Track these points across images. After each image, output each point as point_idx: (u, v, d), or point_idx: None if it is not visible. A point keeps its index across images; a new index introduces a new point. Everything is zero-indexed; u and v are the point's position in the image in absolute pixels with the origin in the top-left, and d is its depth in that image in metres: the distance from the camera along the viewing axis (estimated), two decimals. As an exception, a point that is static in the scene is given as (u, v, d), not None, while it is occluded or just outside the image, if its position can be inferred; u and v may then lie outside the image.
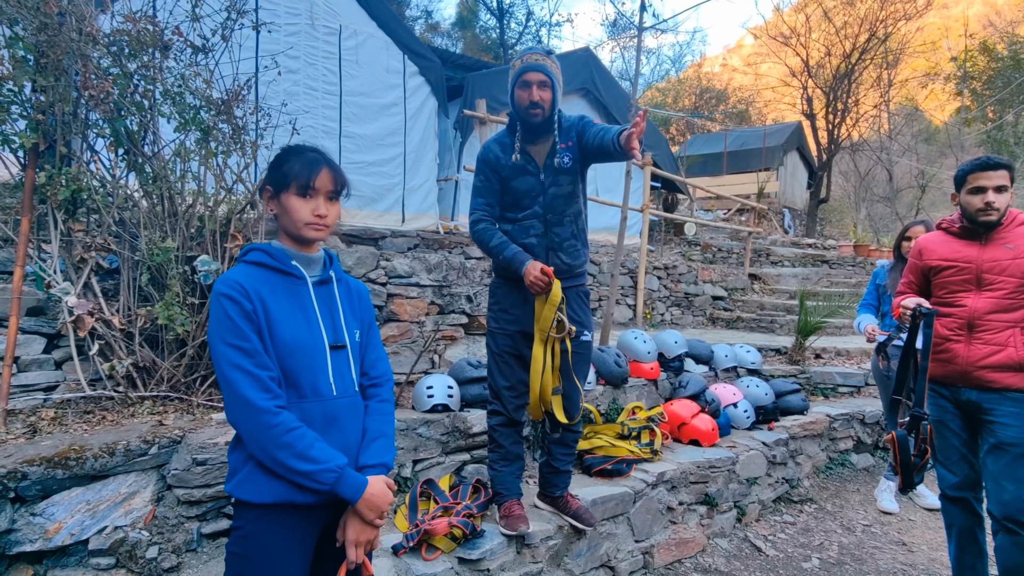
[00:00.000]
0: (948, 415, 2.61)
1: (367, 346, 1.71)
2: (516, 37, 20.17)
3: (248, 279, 1.48)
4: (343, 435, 1.57)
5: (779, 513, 4.02)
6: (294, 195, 1.51)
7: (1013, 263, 2.40)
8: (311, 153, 1.54)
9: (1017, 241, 2.42)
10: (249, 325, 1.43)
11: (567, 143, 2.58)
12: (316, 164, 1.52)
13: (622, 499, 3.05)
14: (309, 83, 6.26)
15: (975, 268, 2.49)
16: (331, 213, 1.54)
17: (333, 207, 1.55)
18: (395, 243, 5.44)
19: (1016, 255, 2.40)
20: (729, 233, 12.53)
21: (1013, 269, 2.40)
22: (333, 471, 1.43)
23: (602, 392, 3.92)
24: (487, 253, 2.60)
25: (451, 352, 3.99)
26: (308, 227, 1.52)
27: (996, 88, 12.42)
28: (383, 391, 1.72)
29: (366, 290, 1.76)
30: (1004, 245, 2.44)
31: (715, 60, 39.36)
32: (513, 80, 2.50)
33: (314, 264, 1.62)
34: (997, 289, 2.43)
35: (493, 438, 2.68)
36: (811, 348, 5.80)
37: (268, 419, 1.39)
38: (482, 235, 2.57)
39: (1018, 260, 2.40)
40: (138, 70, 2.78)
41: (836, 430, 4.68)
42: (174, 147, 2.83)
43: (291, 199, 1.51)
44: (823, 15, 17.35)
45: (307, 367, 1.51)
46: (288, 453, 1.40)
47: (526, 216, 2.56)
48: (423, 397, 3.08)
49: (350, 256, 3.48)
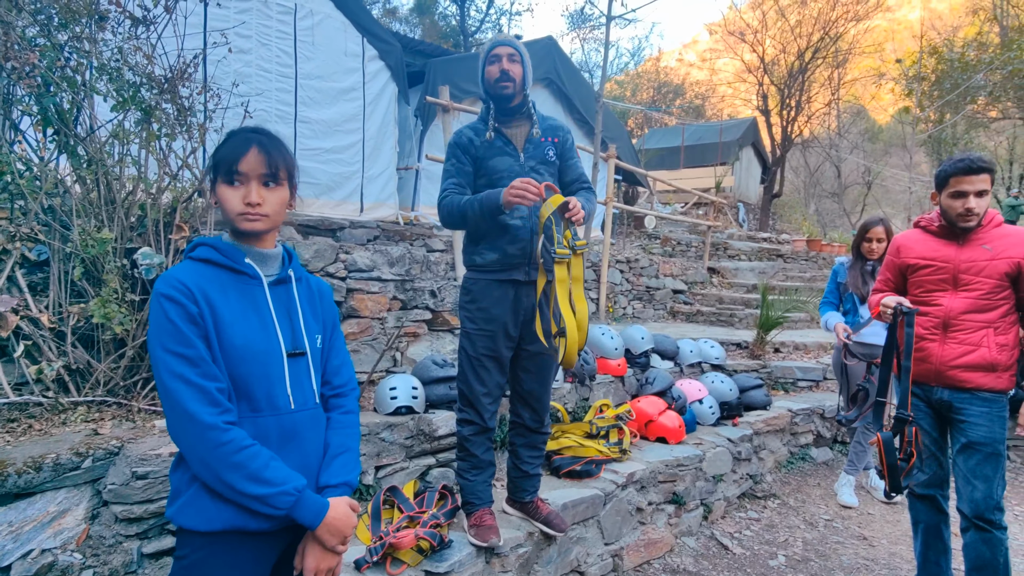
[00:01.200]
0: (920, 413, 2.62)
1: (330, 351, 1.55)
2: (477, 25, 19.86)
3: (194, 278, 1.30)
4: (303, 452, 1.41)
5: (744, 509, 4.03)
6: (222, 183, 1.34)
7: (989, 264, 2.40)
8: (244, 134, 1.36)
9: (994, 242, 2.42)
10: (194, 330, 1.26)
11: (552, 139, 2.51)
12: (243, 145, 1.33)
13: (592, 502, 2.97)
14: (262, 64, 5.94)
15: (952, 268, 2.49)
16: (270, 200, 1.35)
17: (273, 193, 1.36)
18: (354, 234, 5.21)
19: (993, 256, 2.40)
20: (688, 227, 12.66)
21: (990, 270, 2.40)
22: (290, 494, 1.28)
23: (569, 390, 3.83)
24: (459, 219, 2.35)
25: (414, 349, 3.83)
26: (240, 218, 1.34)
27: (943, 90, 12.89)
28: (347, 401, 1.56)
29: (329, 289, 1.60)
30: (981, 246, 2.43)
31: (672, 55, 39.85)
32: (483, 60, 2.44)
33: (270, 261, 1.45)
34: (973, 289, 2.44)
35: (464, 447, 2.51)
36: (771, 342, 5.86)
37: (216, 436, 1.23)
38: (450, 205, 2.35)
39: (995, 261, 2.40)
40: (69, 42, 2.51)
41: (797, 425, 4.74)
42: (111, 128, 2.57)
43: (220, 188, 1.34)
44: (779, 12, 17.71)
45: (262, 376, 1.34)
46: (239, 475, 1.24)
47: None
48: (386, 399, 2.92)
49: (307, 249, 3.28)
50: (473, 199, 2.29)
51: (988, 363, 2.39)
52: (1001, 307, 2.41)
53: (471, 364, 2.45)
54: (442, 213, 2.41)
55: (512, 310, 2.41)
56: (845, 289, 4.00)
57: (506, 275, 2.39)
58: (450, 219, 2.40)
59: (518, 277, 2.40)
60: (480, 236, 2.41)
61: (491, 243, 2.39)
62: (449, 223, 2.44)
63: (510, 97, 2.41)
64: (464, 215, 2.32)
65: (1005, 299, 2.41)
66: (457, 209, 2.34)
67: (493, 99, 2.43)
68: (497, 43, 2.43)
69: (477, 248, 2.43)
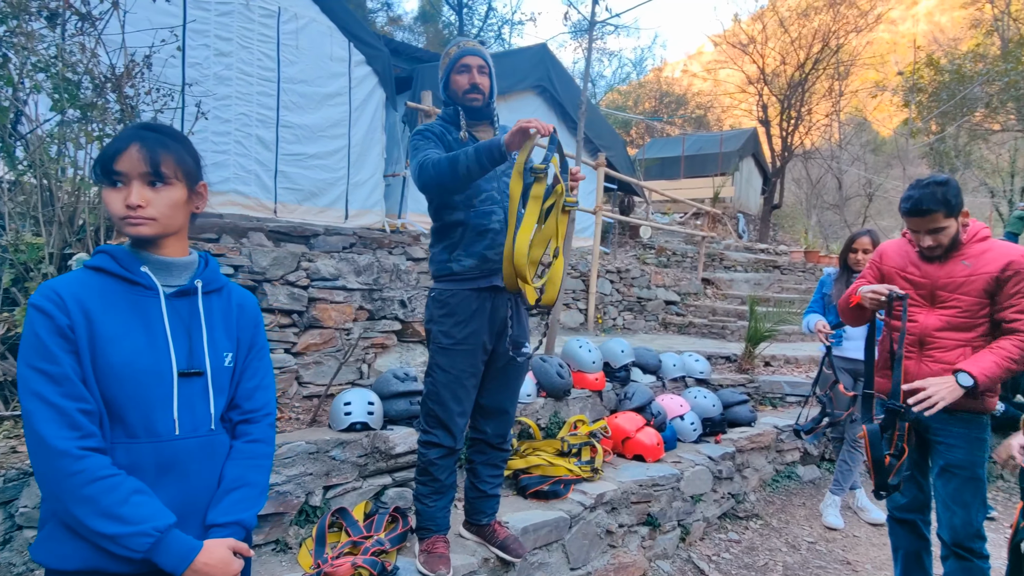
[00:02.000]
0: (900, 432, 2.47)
1: (244, 372, 1.41)
2: (476, 33, 19.85)
3: (74, 288, 1.18)
4: (186, 485, 1.26)
5: (724, 531, 3.86)
6: (106, 186, 1.22)
7: (967, 281, 2.26)
8: (128, 131, 1.24)
9: (975, 258, 2.27)
10: (61, 344, 1.13)
11: None
12: (122, 142, 1.21)
13: (556, 525, 2.82)
14: (243, 67, 5.83)
15: (930, 284, 2.35)
16: (156, 202, 1.22)
17: (160, 194, 1.23)
18: (329, 241, 5.08)
19: (971, 272, 2.25)
20: (684, 237, 12.52)
21: (967, 288, 2.26)
22: (148, 535, 1.13)
23: (543, 405, 3.69)
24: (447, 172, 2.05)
25: (382, 361, 3.69)
26: (123, 222, 1.22)
27: (941, 101, 12.76)
28: (257, 428, 1.41)
29: (253, 302, 1.46)
30: (961, 262, 2.29)
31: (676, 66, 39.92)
32: (448, 67, 2.31)
33: (176, 271, 1.31)
34: (950, 307, 2.30)
35: (428, 472, 2.32)
36: (760, 356, 5.71)
37: (66, 464, 1.09)
38: (436, 160, 2.08)
39: (973, 277, 2.25)
40: (6, 36, 2.40)
41: (783, 442, 4.58)
42: (49, 128, 2.46)
43: (105, 192, 1.22)
44: (779, 24, 17.64)
45: (139, 399, 1.21)
46: (89, 509, 1.10)
47: (483, 201, 2.24)
48: (340, 415, 2.78)
49: (265, 256, 3.15)
50: (463, 149, 2.04)
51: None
52: (981, 325, 2.26)
53: (450, 383, 2.26)
54: (425, 172, 2.10)
55: (489, 321, 2.28)
56: (830, 300, 3.87)
57: (486, 282, 2.26)
58: (435, 173, 2.08)
59: (497, 283, 2.26)
60: (456, 243, 2.27)
61: (468, 249, 2.25)
62: (432, 176, 2.10)
63: (478, 109, 2.31)
64: (455, 162, 2.03)
65: (986, 317, 2.26)
66: (446, 161, 2.05)
67: (460, 106, 2.32)
68: (467, 51, 2.29)
69: (453, 255, 2.27)
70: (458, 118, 2.32)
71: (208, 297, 1.35)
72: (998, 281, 2.20)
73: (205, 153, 5.61)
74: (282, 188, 6.16)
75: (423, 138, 2.27)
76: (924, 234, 2.28)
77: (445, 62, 2.33)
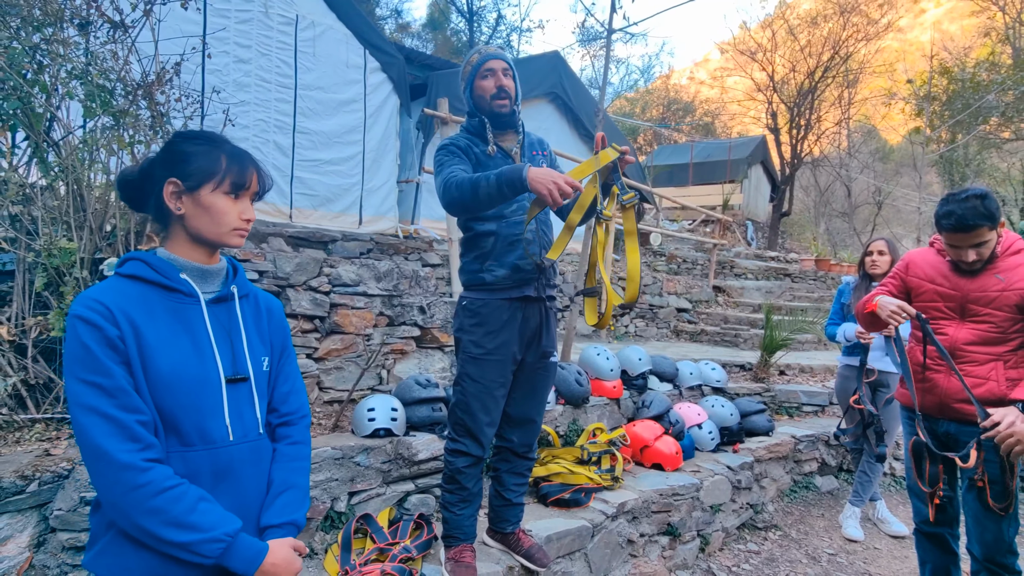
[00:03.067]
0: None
1: (278, 376, 1.43)
2: (486, 40, 19.92)
3: (116, 297, 1.18)
4: (240, 490, 1.28)
5: (743, 541, 3.84)
6: (223, 193, 1.26)
7: (1001, 295, 2.23)
8: (230, 145, 1.30)
9: (1009, 272, 2.24)
10: (112, 356, 1.13)
11: (542, 152, 2.39)
12: (247, 159, 1.29)
13: (579, 534, 2.81)
14: (261, 74, 5.89)
15: (960, 297, 2.32)
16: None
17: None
18: (347, 247, 5.10)
19: (1005, 287, 2.22)
20: (694, 244, 12.50)
21: (1000, 302, 2.23)
22: (220, 540, 1.15)
23: (561, 412, 3.68)
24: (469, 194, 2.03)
25: (401, 367, 3.70)
26: (235, 233, 1.28)
27: (955, 110, 12.72)
28: (296, 431, 1.43)
29: (279, 306, 1.47)
30: (994, 275, 2.26)
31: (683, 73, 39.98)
32: (472, 74, 2.26)
33: (212, 277, 1.33)
34: (982, 321, 2.27)
35: (456, 480, 2.31)
36: (776, 364, 5.69)
37: (132, 477, 1.10)
38: (459, 180, 2.06)
39: (1007, 292, 2.22)
40: (42, 45, 2.43)
41: (801, 452, 4.55)
42: (82, 134, 2.48)
43: (219, 198, 1.26)
44: (788, 32, 17.65)
45: (192, 406, 1.22)
46: (159, 520, 1.11)
47: (514, 211, 2.24)
48: (363, 420, 2.78)
49: (289, 262, 3.17)
50: (486, 173, 2.04)
51: (997, 397, 2.21)
52: (1014, 340, 2.24)
53: (480, 392, 2.25)
54: (447, 191, 2.09)
55: (520, 331, 2.27)
56: (849, 310, 3.85)
57: (518, 292, 2.24)
58: (457, 192, 2.06)
59: (529, 293, 2.26)
60: (487, 253, 2.25)
61: (499, 259, 2.23)
62: (454, 197, 2.09)
63: (507, 114, 2.26)
64: (476, 188, 2.02)
65: (1019, 331, 2.23)
66: (468, 182, 2.04)
67: (486, 115, 2.26)
68: (490, 56, 2.24)
69: (485, 265, 2.25)
70: (484, 129, 2.27)
71: (241, 302, 1.37)
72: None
73: (225, 159, 5.66)
74: (297, 193, 6.20)
75: (448, 153, 2.23)
76: (968, 249, 2.23)
77: (467, 70, 2.28)
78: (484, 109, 2.26)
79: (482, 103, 2.26)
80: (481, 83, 2.24)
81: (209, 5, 5.37)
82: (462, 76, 2.30)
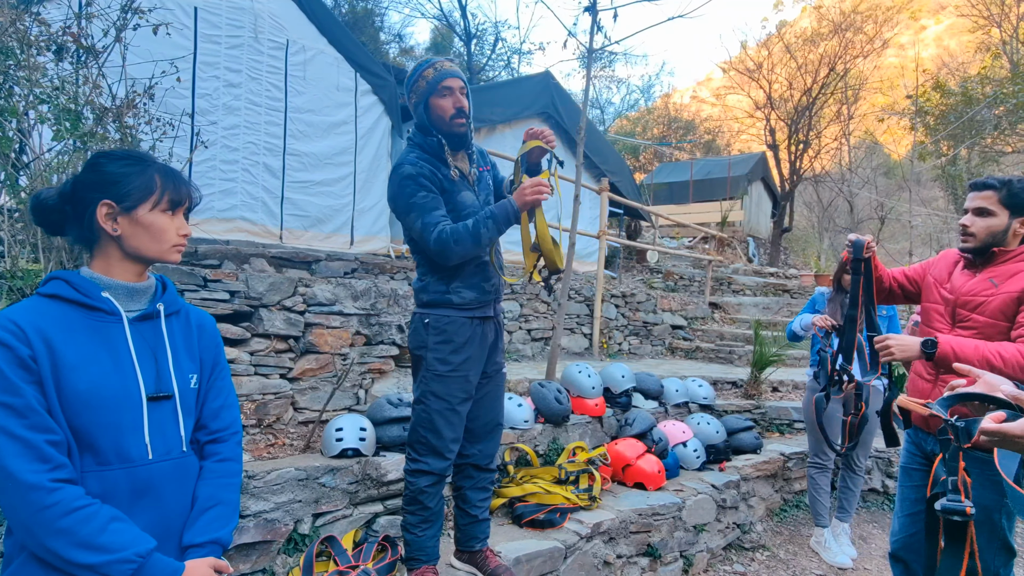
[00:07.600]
0: (914, 462, 2.40)
1: (209, 392, 1.42)
2: (485, 63, 20.19)
3: (32, 316, 1.18)
4: (161, 509, 1.27)
5: (729, 562, 3.76)
6: (161, 211, 1.29)
7: (989, 300, 2.11)
8: (158, 163, 1.34)
9: (1004, 277, 2.11)
10: (23, 376, 1.13)
11: (487, 167, 2.46)
12: (179, 176, 1.33)
13: (551, 555, 2.76)
14: (251, 98, 5.96)
15: (952, 301, 2.24)
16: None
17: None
18: (331, 267, 5.12)
19: (996, 292, 2.11)
20: (692, 261, 12.48)
21: (986, 307, 2.12)
22: (130, 561, 1.13)
23: (541, 431, 3.64)
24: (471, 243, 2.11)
25: (380, 386, 3.68)
26: (174, 249, 1.32)
27: (949, 123, 12.72)
28: (226, 448, 1.42)
29: (211, 322, 1.47)
30: (988, 279, 2.15)
31: (685, 92, 40.28)
32: (427, 91, 2.20)
33: (138, 296, 1.33)
34: (968, 327, 2.16)
35: (418, 500, 2.29)
36: (767, 381, 5.62)
37: (39, 498, 1.09)
38: (456, 232, 2.10)
39: (996, 297, 2.10)
40: (10, 70, 2.47)
41: (791, 470, 4.48)
42: (49, 157, 2.51)
43: (157, 216, 1.29)
44: (785, 50, 17.78)
45: (109, 425, 1.21)
46: (67, 541, 1.10)
47: None
48: (331, 440, 2.76)
49: (262, 282, 3.17)
50: (483, 217, 2.11)
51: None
52: None
53: (444, 410, 2.25)
54: (446, 245, 2.11)
55: (480, 346, 2.32)
56: None
57: (481, 312, 2.31)
58: (458, 246, 2.10)
59: (489, 313, 2.35)
60: (452, 275, 2.26)
61: (466, 281, 2.26)
62: (456, 252, 2.13)
63: (462, 136, 2.26)
64: (477, 236, 2.09)
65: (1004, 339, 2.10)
66: (468, 233, 2.09)
67: (443, 135, 2.23)
68: (447, 73, 2.19)
69: (451, 286, 2.25)
70: (442, 151, 2.24)
71: (169, 319, 1.36)
72: (1018, 301, 2.07)
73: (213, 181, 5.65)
74: (288, 215, 6.24)
75: (418, 186, 2.17)
76: (969, 212, 2.17)
77: (421, 85, 2.19)
78: (440, 128, 2.24)
79: (440, 123, 2.23)
80: (439, 101, 2.21)
81: (199, 32, 5.46)
82: (413, 89, 2.24)
